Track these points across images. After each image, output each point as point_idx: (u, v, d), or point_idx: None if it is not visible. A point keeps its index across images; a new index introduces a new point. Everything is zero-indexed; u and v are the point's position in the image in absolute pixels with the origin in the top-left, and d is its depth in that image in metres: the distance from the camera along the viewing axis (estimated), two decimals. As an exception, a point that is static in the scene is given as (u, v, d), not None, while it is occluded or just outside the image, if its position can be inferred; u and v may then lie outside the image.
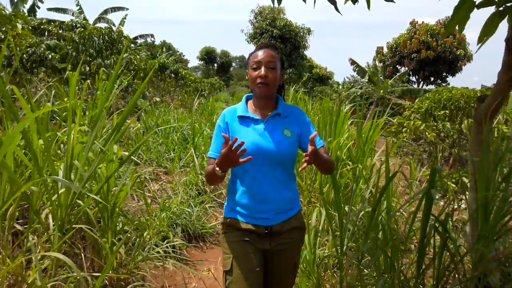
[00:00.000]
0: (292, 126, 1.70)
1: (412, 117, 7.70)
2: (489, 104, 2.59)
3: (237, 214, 1.69)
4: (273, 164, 1.63)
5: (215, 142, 1.70)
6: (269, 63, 1.61)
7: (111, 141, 1.78)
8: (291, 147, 1.65)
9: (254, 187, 1.64)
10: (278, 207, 1.67)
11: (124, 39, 6.72)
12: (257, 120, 1.67)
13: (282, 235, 1.69)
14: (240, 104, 1.76)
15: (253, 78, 1.62)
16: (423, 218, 2.08)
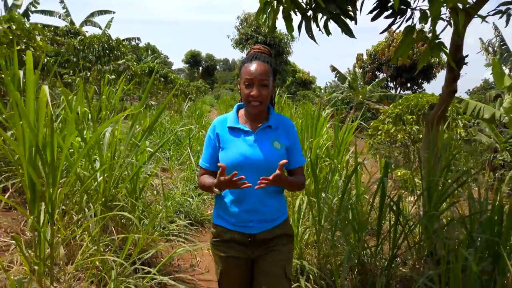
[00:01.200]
0: (282, 138, 1.71)
1: (386, 121, 8.43)
2: (435, 111, 3.25)
3: (223, 221, 1.72)
4: (261, 175, 1.58)
5: (206, 152, 1.73)
6: (262, 81, 1.60)
7: (144, 138, 2.34)
8: (280, 159, 1.62)
9: (242, 197, 1.66)
10: (264, 217, 1.69)
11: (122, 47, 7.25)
12: (247, 131, 1.67)
13: (268, 242, 1.71)
14: (230, 113, 1.75)
15: (245, 95, 1.62)
16: (380, 199, 2.71)
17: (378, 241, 2.82)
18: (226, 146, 1.67)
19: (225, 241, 1.70)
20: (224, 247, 1.70)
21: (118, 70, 6.79)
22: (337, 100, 16.97)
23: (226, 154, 1.66)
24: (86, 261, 2.09)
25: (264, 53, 1.70)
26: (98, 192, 2.45)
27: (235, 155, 1.64)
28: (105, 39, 7.04)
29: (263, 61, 1.63)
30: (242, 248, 1.70)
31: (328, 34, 2.47)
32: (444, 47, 2.25)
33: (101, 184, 2.41)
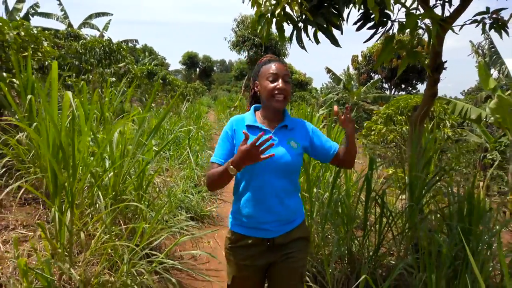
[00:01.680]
0: (298, 138, 1.74)
1: (379, 121, 8.71)
2: (418, 113, 3.51)
3: (240, 226, 1.71)
4: (279, 175, 1.64)
5: (221, 148, 1.71)
6: (285, 76, 1.67)
7: (150, 138, 2.58)
8: (297, 159, 1.69)
9: (259, 196, 1.65)
10: (282, 218, 1.68)
11: (122, 50, 7.48)
12: (265, 130, 1.70)
13: (286, 245, 1.70)
14: (248, 113, 1.79)
15: (269, 90, 1.65)
16: (366, 193, 2.97)
17: (364, 232, 3.07)
18: None
19: (242, 246, 1.69)
20: (240, 254, 1.69)
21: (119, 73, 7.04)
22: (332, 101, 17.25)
23: None
24: (100, 248, 2.33)
25: (278, 59, 1.78)
26: (108, 187, 2.69)
27: None
28: (106, 43, 7.28)
29: (281, 62, 1.72)
30: (260, 253, 1.68)
31: (318, 43, 2.72)
32: (420, 55, 2.50)
33: (111, 180, 2.64)
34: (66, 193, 1.97)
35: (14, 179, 3.33)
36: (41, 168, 3.28)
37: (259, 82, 1.73)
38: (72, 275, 2.07)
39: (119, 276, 2.18)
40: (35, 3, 12.48)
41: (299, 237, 1.73)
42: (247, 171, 1.62)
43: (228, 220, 1.81)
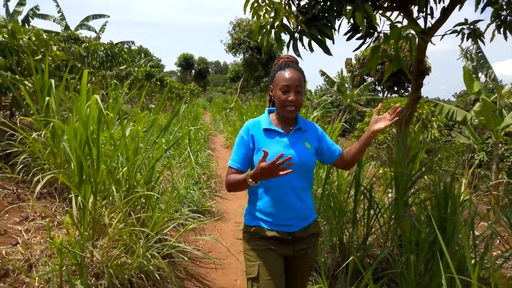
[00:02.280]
0: (311, 140, 1.84)
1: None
2: (404, 115, 3.82)
3: (261, 222, 1.78)
4: (297, 174, 1.72)
5: (238, 153, 1.79)
6: (297, 87, 1.72)
7: (160, 136, 2.86)
8: (312, 158, 1.81)
9: (279, 195, 1.74)
10: (301, 214, 1.79)
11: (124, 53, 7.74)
12: (281, 133, 1.79)
13: (303, 240, 1.82)
14: (263, 117, 1.87)
15: (281, 101, 1.73)
16: (355, 187, 3.27)
17: (354, 223, 3.37)
18: (262, 147, 1.73)
19: (264, 237, 1.77)
20: (264, 241, 1.76)
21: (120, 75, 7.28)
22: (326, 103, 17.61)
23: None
24: (116, 235, 2.60)
25: (293, 62, 1.82)
26: (122, 180, 2.96)
27: (271, 155, 1.64)
28: (108, 46, 7.54)
29: (296, 68, 1.76)
30: (282, 245, 1.78)
31: (312, 51, 3.02)
32: (403, 63, 2.81)
33: (125, 174, 2.92)
34: (90, 183, 2.24)
35: (31, 174, 3.59)
36: (55, 164, 3.55)
37: (273, 89, 1.79)
38: (95, 256, 2.35)
39: (136, 258, 2.46)
40: (35, 6, 12.69)
41: (314, 232, 1.86)
42: None
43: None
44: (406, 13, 3.33)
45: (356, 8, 2.47)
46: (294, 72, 1.74)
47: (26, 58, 4.32)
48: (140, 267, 2.48)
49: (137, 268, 2.48)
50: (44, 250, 2.51)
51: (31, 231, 2.92)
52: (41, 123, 3.55)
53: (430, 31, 3.33)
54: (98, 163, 2.22)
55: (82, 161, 2.15)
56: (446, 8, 3.25)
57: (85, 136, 2.18)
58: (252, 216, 1.82)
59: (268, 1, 2.82)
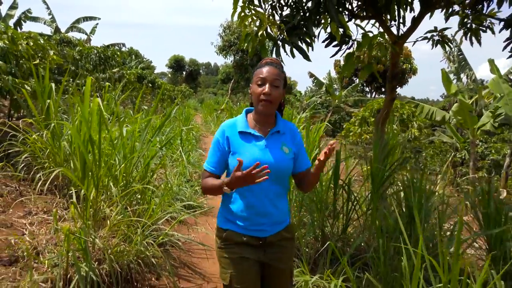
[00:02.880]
0: (290, 144, 1.76)
1: (356, 123, 9.38)
2: (380, 115, 4.13)
3: (233, 225, 1.73)
4: (272, 179, 1.64)
5: (213, 156, 1.74)
6: (274, 81, 1.65)
7: (155, 136, 3.11)
8: (289, 163, 1.73)
9: (253, 201, 1.68)
10: (273, 219, 1.73)
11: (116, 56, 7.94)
12: (258, 136, 1.72)
13: (274, 245, 1.76)
14: (239, 117, 1.79)
15: (257, 94, 1.66)
16: (334, 180, 3.56)
17: (334, 214, 3.66)
18: (238, 150, 1.69)
19: (236, 243, 1.73)
20: (235, 248, 1.72)
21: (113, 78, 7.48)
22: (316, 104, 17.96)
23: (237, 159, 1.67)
24: (115, 226, 2.85)
25: (275, 62, 1.76)
26: (119, 176, 3.21)
27: (247, 159, 1.62)
28: (101, 50, 7.74)
29: (275, 66, 1.71)
30: (253, 250, 1.73)
31: (293, 57, 3.31)
32: (374, 68, 3.11)
33: (122, 171, 3.17)
34: (93, 177, 2.49)
35: (32, 173, 3.81)
36: (55, 163, 3.77)
37: (251, 87, 1.73)
38: (97, 244, 2.60)
39: (133, 246, 2.71)
40: (27, 9, 12.80)
41: (287, 237, 1.80)
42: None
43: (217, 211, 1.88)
44: (380, 22, 3.64)
45: (331, 19, 2.76)
46: (273, 68, 1.69)
47: (25, 63, 4.54)
48: (138, 254, 2.74)
49: (135, 255, 2.73)
50: (49, 240, 2.75)
51: (34, 224, 3.15)
52: (41, 124, 3.78)
53: (401, 39, 3.65)
54: (99, 160, 2.47)
55: (86, 157, 2.40)
56: (416, 17, 3.57)
57: (88, 135, 2.43)
58: (225, 219, 1.77)
59: (253, 11, 3.11)
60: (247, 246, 1.73)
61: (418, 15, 3.54)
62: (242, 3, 3.14)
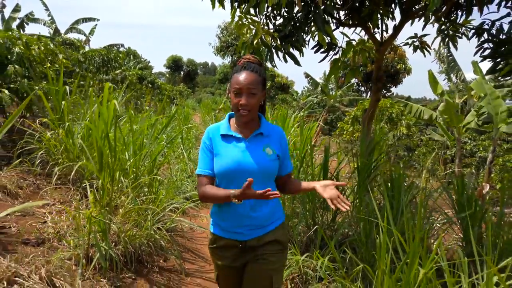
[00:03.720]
0: (274, 145, 1.75)
1: (349, 122, 9.76)
2: (367, 114, 4.50)
3: (217, 227, 1.80)
4: (254, 182, 1.59)
5: (205, 159, 1.74)
6: (250, 89, 1.63)
7: (161, 133, 3.46)
8: (272, 165, 1.71)
9: (232, 204, 1.65)
10: (255, 223, 1.72)
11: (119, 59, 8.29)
12: (239, 138, 1.72)
13: (257, 249, 1.74)
14: (223, 122, 1.80)
15: (234, 104, 1.67)
16: (323, 173, 3.93)
17: (324, 204, 4.02)
18: (219, 152, 1.71)
19: (219, 247, 1.79)
20: (218, 255, 1.80)
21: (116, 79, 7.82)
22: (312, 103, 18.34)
23: (219, 161, 1.71)
24: (127, 213, 3.20)
25: (253, 63, 1.72)
26: (129, 170, 3.56)
27: (227, 161, 1.67)
28: (104, 52, 8.08)
29: (252, 70, 1.67)
30: (235, 254, 1.77)
31: (286, 62, 3.67)
32: (357, 72, 3.48)
33: (132, 165, 3.52)
34: (109, 168, 2.85)
35: (48, 168, 4.16)
36: (69, 159, 4.12)
37: (230, 93, 1.73)
38: (112, 228, 2.95)
39: (144, 230, 3.07)
40: (30, 12, 13.11)
41: (272, 240, 1.75)
42: (224, 177, 1.72)
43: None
44: (365, 29, 4.01)
45: (318, 29, 3.13)
46: (249, 74, 1.66)
47: (38, 66, 4.89)
48: (148, 237, 3.10)
49: (145, 238, 3.09)
50: (69, 225, 3.10)
51: (53, 213, 3.50)
52: (56, 123, 4.13)
53: (384, 44, 4.02)
54: (115, 153, 2.82)
55: (103, 151, 2.75)
56: (397, 26, 3.94)
57: (105, 131, 2.78)
58: (213, 221, 1.84)
59: (250, 20, 3.47)
60: (229, 250, 1.77)
61: (398, 24, 3.91)
62: (239, 13, 3.50)
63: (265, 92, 1.77)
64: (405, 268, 2.14)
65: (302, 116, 6.96)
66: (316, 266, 3.10)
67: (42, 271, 2.25)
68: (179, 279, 3.15)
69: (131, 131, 3.37)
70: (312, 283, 3.17)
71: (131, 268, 2.93)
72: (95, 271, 2.67)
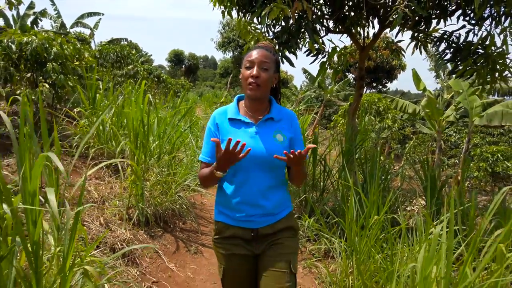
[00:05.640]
0: (285, 131, 1.67)
1: (342, 115, 10.56)
2: (351, 107, 5.30)
3: (225, 217, 1.69)
4: (263, 169, 1.59)
5: (207, 146, 1.69)
6: (263, 63, 1.57)
7: (181, 120, 4.25)
8: (282, 151, 1.56)
9: (243, 190, 1.62)
10: (265, 212, 1.65)
11: (131, 55, 9.03)
12: (248, 123, 1.64)
13: (270, 236, 1.67)
14: (231, 105, 1.72)
15: (245, 77, 1.59)
16: (313, 156, 4.73)
17: (313, 183, 4.84)
18: (226, 137, 1.61)
19: (227, 237, 1.68)
20: (226, 244, 1.68)
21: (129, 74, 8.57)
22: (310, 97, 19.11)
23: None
24: (155, 184, 4.01)
25: (266, 46, 1.68)
26: (154, 151, 4.36)
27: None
28: (119, 49, 8.82)
29: (266, 49, 1.63)
30: (245, 244, 1.68)
31: (282, 63, 4.44)
32: (340, 72, 4.27)
33: (156, 147, 4.33)
34: (144, 148, 3.65)
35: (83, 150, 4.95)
36: (100, 143, 4.92)
37: (241, 71, 1.65)
38: (145, 194, 3.76)
39: (170, 196, 3.89)
40: (44, 9, 13.83)
41: (285, 227, 1.69)
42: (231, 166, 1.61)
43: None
44: (349, 35, 4.79)
45: (309, 38, 3.92)
46: (262, 50, 1.61)
47: (69, 64, 5.66)
48: (172, 202, 3.92)
49: (170, 202, 3.91)
50: (110, 192, 3.91)
51: (91, 186, 4.31)
52: (90, 112, 4.92)
53: (365, 49, 4.81)
54: (148, 136, 3.63)
55: (139, 132, 3.55)
56: (376, 33, 4.72)
57: (140, 117, 3.58)
58: (218, 211, 1.74)
59: (253, 28, 4.26)
60: (239, 239, 1.68)
61: (377, 32, 4.70)
62: (244, 22, 4.28)
63: (278, 75, 1.71)
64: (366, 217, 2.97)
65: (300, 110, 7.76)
66: (304, 225, 3.92)
67: (101, 219, 3.06)
68: (196, 236, 3.96)
69: (157, 118, 4.16)
70: (302, 241, 3.98)
71: (160, 225, 3.75)
72: (134, 226, 3.48)
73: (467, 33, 4.26)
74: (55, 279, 1.68)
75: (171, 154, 4.56)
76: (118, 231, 3.12)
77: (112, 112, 4.93)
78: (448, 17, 4.26)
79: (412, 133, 13.08)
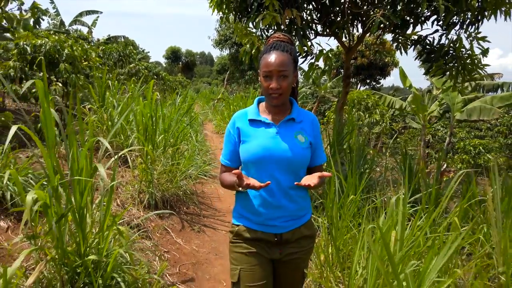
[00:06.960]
0: (306, 132, 1.65)
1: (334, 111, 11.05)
2: (339, 103, 5.80)
3: (246, 221, 1.67)
4: (284, 170, 1.57)
5: (227, 148, 1.70)
6: (281, 72, 1.53)
7: (183, 116, 4.74)
8: (304, 153, 1.59)
9: (265, 193, 1.60)
10: (289, 214, 1.63)
11: (133, 54, 9.47)
12: (268, 123, 1.63)
13: (292, 243, 1.66)
14: (251, 107, 1.71)
15: (265, 88, 1.56)
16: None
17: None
18: (247, 139, 1.62)
19: (248, 239, 1.66)
20: (248, 244, 1.66)
21: (131, 72, 9.02)
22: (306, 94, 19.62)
23: (247, 147, 1.62)
24: (161, 172, 4.50)
25: (283, 41, 1.61)
26: (160, 143, 4.85)
27: (255, 147, 1.59)
28: (121, 49, 9.25)
29: (282, 50, 1.55)
30: (267, 247, 1.66)
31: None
32: (328, 72, 4.77)
33: (162, 139, 4.81)
34: (152, 140, 4.14)
35: (94, 143, 5.43)
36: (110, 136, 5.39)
37: (259, 74, 1.62)
38: (153, 181, 4.26)
39: (176, 182, 4.38)
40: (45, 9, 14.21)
41: (305, 235, 1.69)
42: (252, 165, 1.61)
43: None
44: (336, 38, 5.29)
45: (298, 41, 4.40)
46: (279, 54, 1.54)
47: (79, 64, 6.13)
48: (177, 188, 4.41)
49: (175, 189, 4.40)
50: (121, 180, 4.40)
51: (104, 175, 4.79)
52: (100, 109, 5.40)
53: (350, 50, 5.30)
54: (156, 128, 4.11)
55: (148, 125, 4.04)
56: (360, 36, 5.22)
57: (150, 112, 4.07)
58: (238, 214, 1.72)
59: (249, 32, 4.74)
60: (261, 242, 1.66)
61: (361, 36, 5.19)
62: (240, 27, 4.77)
63: (297, 72, 1.68)
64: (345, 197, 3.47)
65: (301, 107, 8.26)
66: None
67: (118, 200, 3.55)
68: (198, 218, 4.47)
69: (162, 114, 4.65)
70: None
71: (167, 208, 4.24)
72: (144, 208, 3.98)
73: (440, 37, 4.77)
74: (97, 235, 2.18)
75: (174, 147, 5.05)
76: (133, 210, 3.62)
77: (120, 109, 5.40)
78: (424, 22, 4.76)
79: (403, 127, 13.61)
